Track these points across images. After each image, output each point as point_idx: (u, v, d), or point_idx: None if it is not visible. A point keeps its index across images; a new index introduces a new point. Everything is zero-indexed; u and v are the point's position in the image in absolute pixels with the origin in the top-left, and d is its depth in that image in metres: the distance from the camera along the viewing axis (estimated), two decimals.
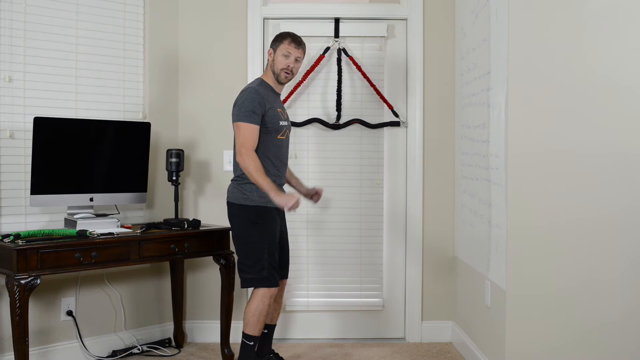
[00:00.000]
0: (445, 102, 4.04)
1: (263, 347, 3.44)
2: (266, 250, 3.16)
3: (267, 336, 3.44)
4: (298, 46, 3.25)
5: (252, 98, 3.13)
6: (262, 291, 3.17)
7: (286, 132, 3.30)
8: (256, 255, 3.16)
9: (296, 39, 3.27)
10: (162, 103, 3.93)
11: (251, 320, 3.16)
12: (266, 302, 3.17)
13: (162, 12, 3.93)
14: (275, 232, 3.26)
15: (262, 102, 3.14)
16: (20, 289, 2.87)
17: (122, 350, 3.68)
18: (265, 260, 3.16)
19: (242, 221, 3.19)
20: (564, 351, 2.94)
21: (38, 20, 3.41)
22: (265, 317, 3.19)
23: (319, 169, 4.05)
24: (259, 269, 3.15)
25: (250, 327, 3.16)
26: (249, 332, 3.17)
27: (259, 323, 3.17)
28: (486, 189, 3.28)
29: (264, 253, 3.16)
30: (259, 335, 3.20)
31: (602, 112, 2.93)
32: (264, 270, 3.16)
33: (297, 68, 3.29)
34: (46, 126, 3.22)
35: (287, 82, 3.31)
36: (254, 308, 3.16)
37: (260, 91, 3.18)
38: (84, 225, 3.28)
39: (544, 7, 2.91)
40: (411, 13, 4.02)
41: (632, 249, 2.95)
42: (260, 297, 3.17)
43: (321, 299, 4.06)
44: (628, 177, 2.94)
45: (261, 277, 3.16)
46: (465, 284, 3.77)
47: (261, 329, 3.20)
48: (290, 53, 3.23)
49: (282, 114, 3.29)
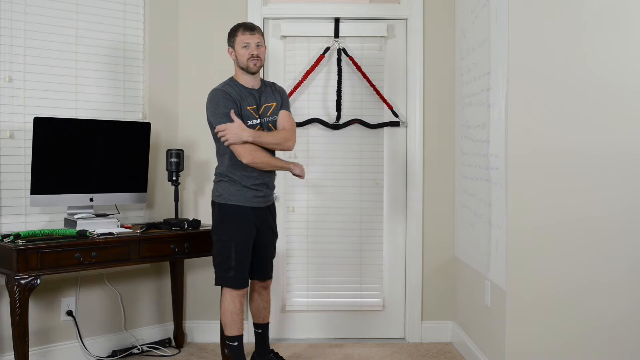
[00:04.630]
0: (445, 102, 4.04)
1: (262, 347, 3.44)
2: (233, 249, 3.15)
3: (262, 336, 3.44)
4: (252, 32, 3.18)
5: (217, 100, 3.13)
6: (229, 292, 3.17)
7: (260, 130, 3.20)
8: (224, 254, 3.16)
9: (247, 25, 3.20)
10: (162, 103, 3.93)
11: (227, 321, 3.19)
12: (237, 302, 3.17)
13: (162, 12, 3.93)
14: (249, 232, 3.20)
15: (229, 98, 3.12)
16: (20, 289, 2.87)
17: (122, 350, 3.68)
18: (233, 259, 3.15)
19: (214, 219, 3.22)
20: (564, 351, 2.94)
21: (38, 20, 3.41)
22: (239, 316, 3.19)
23: (319, 169, 4.04)
24: (226, 267, 3.16)
25: (227, 328, 3.19)
26: (228, 333, 3.20)
27: (234, 322, 3.17)
28: (486, 189, 3.28)
29: (231, 252, 3.15)
30: (240, 333, 3.20)
31: (602, 112, 2.93)
32: (231, 270, 3.15)
33: (263, 52, 3.21)
34: (46, 126, 3.22)
35: (259, 69, 3.21)
36: (225, 309, 3.18)
37: (226, 89, 3.16)
38: (84, 225, 3.28)
39: (544, 7, 2.91)
40: (411, 13, 4.02)
41: (632, 250, 2.95)
42: (228, 297, 3.17)
43: (321, 299, 4.06)
44: (628, 177, 2.94)
45: (228, 276, 3.16)
46: (465, 284, 3.77)
47: (240, 327, 3.20)
48: (249, 42, 3.17)
49: (253, 111, 3.20)
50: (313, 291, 4.06)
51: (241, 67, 3.21)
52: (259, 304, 3.42)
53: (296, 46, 4.03)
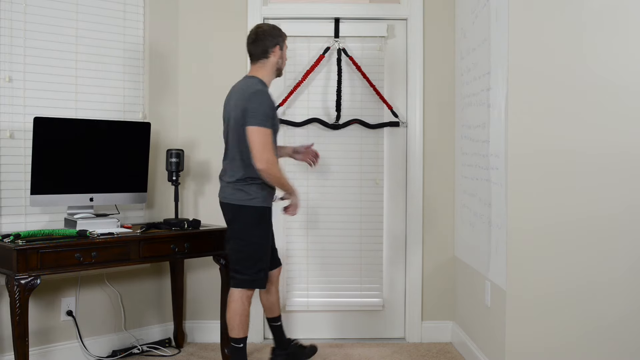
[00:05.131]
0: (445, 102, 4.04)
1: (282, 339, 3.47)
2: (265, 251, 3.16)
3: (278, 328, 3.47)
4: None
5: (269, 103, 3.09)
6: (247, 293, 3.15)
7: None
8: (257, 257, 3.14)
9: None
10: (162, 103, 3.93)
11: (235, 323, 3.13)
12: (247, 303, 3.15)
13: (162, 12, 3.93)
14: (272, 232, 3.29)
15: (274, 105, 3.14)
16: (20, 289, 2.87)
17: (122, 350, 3.68)
18: (265, 262, 3.16)
19: (246, 223, 3.13)
20: (564, 351, 2.94)
21: (38, 20, 3.41)
22: (248, 317, 3.18)
23: (319, 169, 4.04)
24: (257, 270, 3.14)
25: (235, 330, 3.13)
26: (236, 335, 3.14)
27: (243, 324, 3.14)
28: (486, 189, 3.28)
29: (265, 254, 3.16)
30: (247, 334, 3.18)
31: (602, 112, 2.93)
32: (262, 272, 3.15)
33: None
34: (46, 126, 3.22)
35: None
36: (236, 311, 3.12)
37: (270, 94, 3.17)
38: (84, 225, 3.28)
39: (544, 7, 2.91)
40: (411, 13, 4.02)
41: (632, 250, 2.95)
42: (244, 298, 3.13)
43: (321, 299, 4.06)
44: (628, 178, 2.94)
45: (258, 278, 3.14)
46: (465, 284, 3.77)
47: (247, 328, 3.18)
48: (287, 46, 3.25)
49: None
50: (313, 291, 4.06)
51: (277, 70, 3.23)
52: (273, 296, 3.43)
53: (296, 46, 4.03)
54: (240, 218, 3.14)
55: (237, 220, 3.15)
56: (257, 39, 3.18)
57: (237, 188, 3.14)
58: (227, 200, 3.17)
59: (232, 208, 3.16)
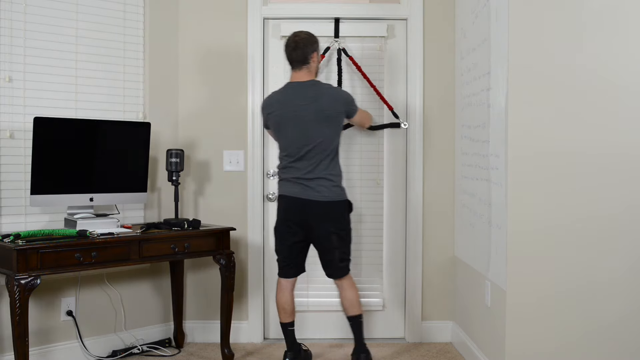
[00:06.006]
0: (445, 102, 4.04)
1: (293, 343, 3.50)
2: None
3: (292, 332, 3.51)
4: None
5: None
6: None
7: None
8: (350, 241, 3.49)
9: None
10: (162, 103, 3.93)
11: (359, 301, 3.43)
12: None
13: (162, 12, 3.93)
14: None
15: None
16: (20, 289, 2.87)
17: (122, 350, 3.68)
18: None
19: (344, 214, 3.43)
20: (564, 351, 2.94)
21: (38, 20, 3.41)
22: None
23: None
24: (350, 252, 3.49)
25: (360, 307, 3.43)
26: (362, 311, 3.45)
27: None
28: (486, 189, 3.28)
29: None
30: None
31: (602, 112, 2.93)
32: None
33: None
34: (46, 126, 3.22)
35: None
36: (356, 291, 3.44)
37: None
38: (84, 225, 3.28)
39: (544, 8, 2.91)
40: (411, 13, 4.02)
41: (632, 250, 2.95)
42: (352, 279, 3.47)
43: (321, 299, 4.06)
44: (628, 178, 2.94)
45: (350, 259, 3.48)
46: (465, 284, 3.77)
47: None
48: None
49: None
50: (313, 291, 4.06)
51: (317, 73, 3.53)
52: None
53: None
54: (344, 213, 3.43)
55: (343, 215, 3.42)
56: (297, 47, 3.40)
57: (334, 185, 3.38)
58: (331, 199, 3.35)
59: (337, 204, 3.39)
